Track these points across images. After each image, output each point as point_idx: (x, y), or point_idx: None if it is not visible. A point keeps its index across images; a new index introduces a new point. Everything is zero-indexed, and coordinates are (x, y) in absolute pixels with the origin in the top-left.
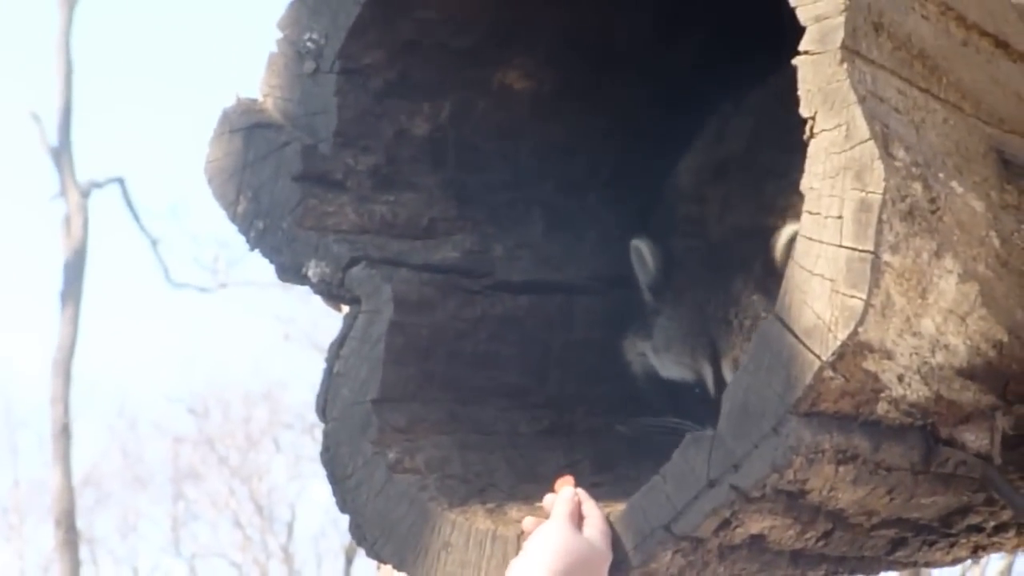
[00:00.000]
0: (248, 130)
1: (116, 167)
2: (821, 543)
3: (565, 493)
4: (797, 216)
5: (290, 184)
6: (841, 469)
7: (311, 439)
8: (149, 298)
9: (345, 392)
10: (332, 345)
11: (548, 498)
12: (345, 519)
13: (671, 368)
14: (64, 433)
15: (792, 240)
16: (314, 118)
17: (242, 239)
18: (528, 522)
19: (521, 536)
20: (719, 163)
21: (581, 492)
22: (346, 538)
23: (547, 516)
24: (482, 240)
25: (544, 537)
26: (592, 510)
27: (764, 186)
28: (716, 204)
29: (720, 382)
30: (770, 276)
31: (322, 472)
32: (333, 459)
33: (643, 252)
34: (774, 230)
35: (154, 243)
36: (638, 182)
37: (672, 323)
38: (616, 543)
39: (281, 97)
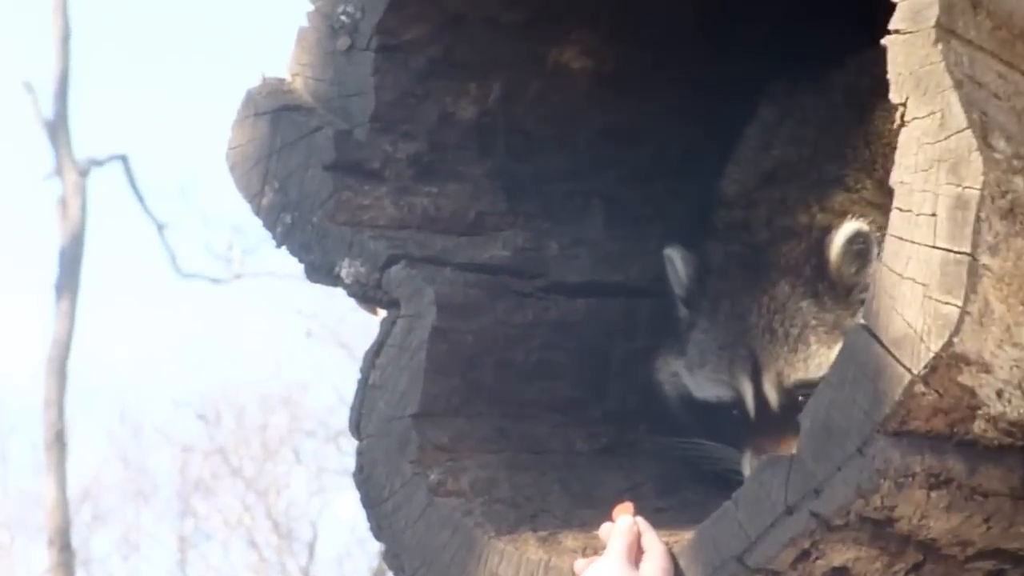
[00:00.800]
0: (275, 113)
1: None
2: None
3: (623, 523)
4: (857, 216)
5: (321, 174)
6: (933, 494)
7: (336, 448)
8: (155, 289)
9: (382, 406)
10: (367, 354)
11: (605, 528)
12: (372, 538)
13: (706, 387)
14: (59, 440)
15: (852, 240)
16: (349, 100)
17: (259, 224)
18: (579, 565)
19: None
20: (769, 170)
21: (641, 522)
22: (374, 560)
23: (603, 549)
24: (535, 237)
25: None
26: (653, 543)
27: (819, 189)
28: (765, 208)
29: (761, 400)
30: (822, 281)
31: (348, 486)
32: (368, 480)
33: (675, 260)
34: (829, 230)
35: (161, 228)
36: (710, 171)
37: (708, 336)
38: (678, 571)
39: (312, 77)
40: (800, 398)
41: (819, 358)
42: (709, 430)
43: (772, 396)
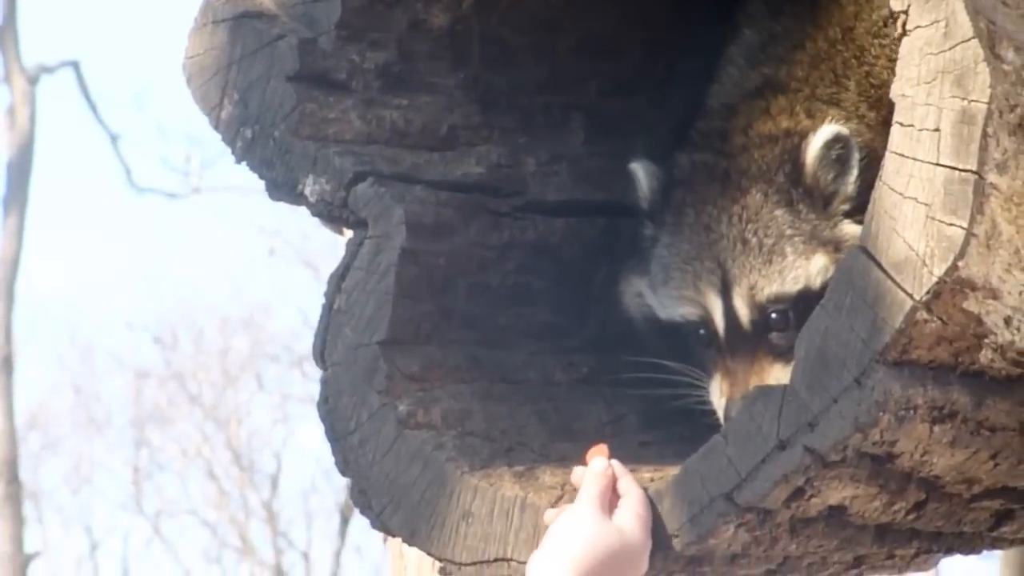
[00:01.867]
0: (235, 20)
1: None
2: (912, 516)
3: (596, 467)
4: (837, 120)
5: (284, 85)
6: (936, 429)
7: (300, 374)
8: (107, 205)
9: (348, 332)
10: (332, 277)
11: (577, 472)
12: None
13: (671, 306)
14: (5, 365)
15: (830, 144)
16: (313, 6)
17: (219, 136)
18: (549, 515)
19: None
20: (756, 86)
21: (616, 465)
22: (341, 494)
23: (576, 494)
24: (511, 152)
25: (567, 527)
26: (629, 487)
27: (809, 103)
28: (745, 116)
29: (731, 317)
30: (796, 188)
31: (313, 414)
32: (333, 411)
33: (639, 174)
34: (807, 133)
35: (114, 139)
36: (694, 84)
37: (671, 250)
38: (658, 523)
39: None
40: (773, 314)
41: (796, 270)
42: (678, 355)
43: (743, 312)
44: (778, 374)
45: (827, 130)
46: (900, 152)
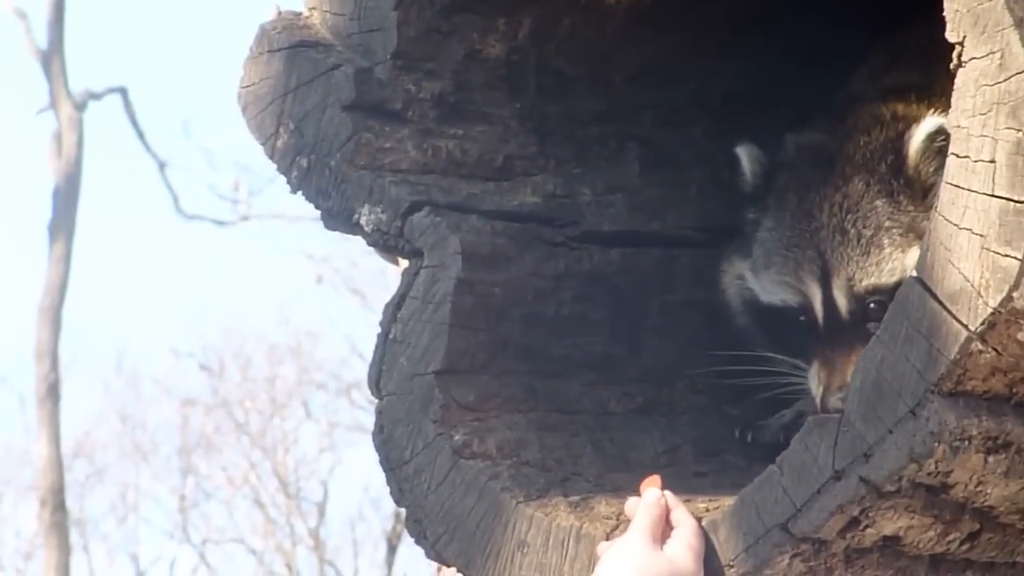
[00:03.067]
0: (291, 50)
1: (117, 75)
2: (966, 547)
3: (649, 497)
4: (943, 112)
5: (340, 115)
6: (991, 459)
7: (348, 402)
8: (155, 232)
9: (403, 362)
10: (388, 306)
11: (631, 503)
12: (388, 498)
13: (772, 290)
14: (52, 393)
15: (933, 136)
16: (369, 36)
17: (267, 163)
18: (602, 548)
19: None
20: (887, 85)
21: (670, 496)
22: (388, 522)
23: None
24: (567, 182)
25: (618, 557)
26: (682, 518)
27: (929, 94)
28: (863, 108)
29: (830, 306)
30: (898, 179)
31: (360, 441)
32: (388, 441)
33: (743, 157)
34: (912, 123)
35: (162, 166)
36: (752, 112)
37: (773, 235)
38: (711, 554)
39: (330, 11)
40: (872, 305)
41: (893, 262)
42: (775, 341)
43: (842, 302)
44: None
45: (931, 121)
46: (955, 183)
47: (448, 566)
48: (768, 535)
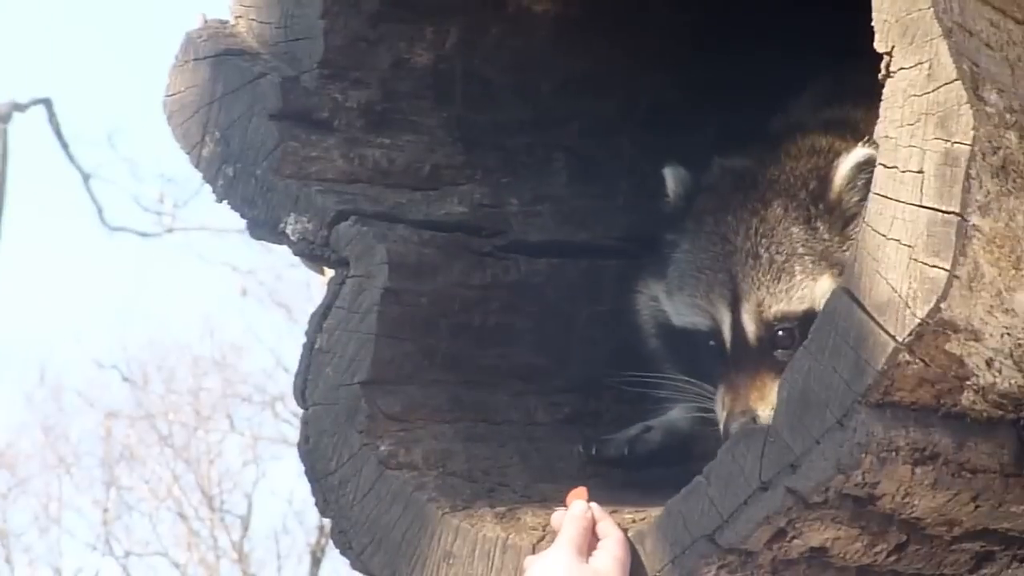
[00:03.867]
0: (217, 58)
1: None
2: (893, 558)
3: (575, 510)
4: (873, 145)
5: (266, 123)
6: (918, 470)
7: (272, 415)
8: (79, 244)
9: (329, 372)
10: (314, 316)
11: (556, 516)
12: (311, 511)
13: (684, 312)
14: None
15: (857, 170)
16: (296, 44)
17: (194, 174)
18: (528, 561)
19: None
20: (828, 118)
21: (596, 508)
22: (312, 535)
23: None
24: (494, 192)
25: (544, 570)
26: (608, 529)
27: (856, 131)
28: (797, 138)
29: (738, 331)
30: (818, 205)
31: (284, 454)
32: (314, 451)
33: (668, 179)
34: (835, 153)
35: (86, 178)
36: (679, 123)
37: (688, 256)
38: (637, 565)
39: (257, 19)
40: (780, 332)
41: (803, 290)
42: (686, 365)
43: (750, 328)
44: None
45: (861, 152)
46: (884, 194)
47: None
48: (695, 546)
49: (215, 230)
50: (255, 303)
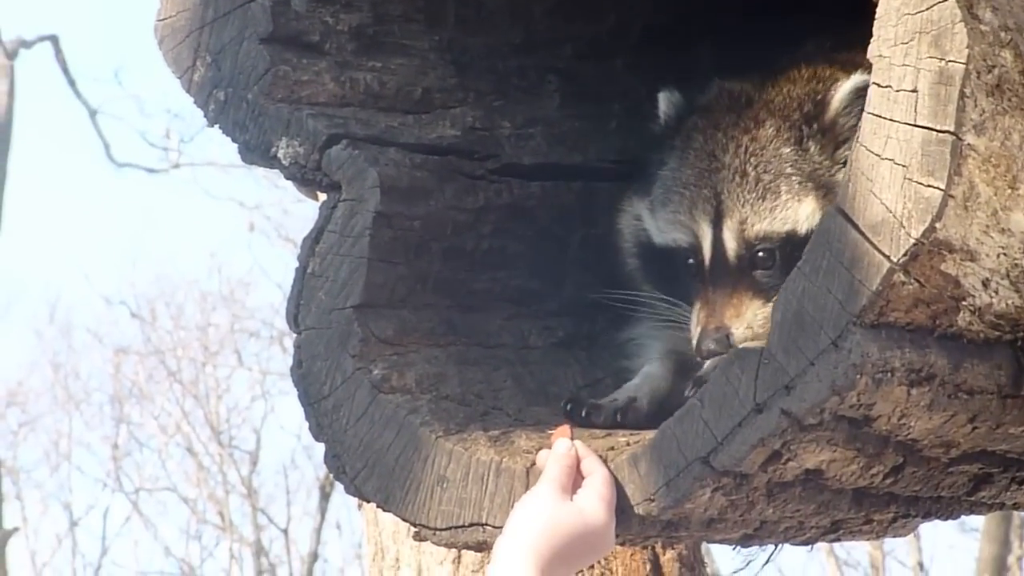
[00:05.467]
0: None
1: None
2: (889, 480)
3: (559, 448)
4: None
5: (257, 47)
6: (914, 392)
7: (280, 350)
8: (86, 180)
9: (322, 296)
10: (306, 240)
11: (542, 455)
12: (320, 446)
13: (665, 230)
14: None
15: (856, 94)
16: None
17: (200, 111)
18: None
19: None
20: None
21: (580, 446)
22: (321, 470)
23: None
24: (486, 115)
25: (527, 510)
26: (593, 467)
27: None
28: (801, 65)
29: (718, 248)
30: (811, 125)
31: (292, 391)
32: (307, 376)
33: (662, 101)
34: (836, 80)
35: (93, 114)
36: (674, 44)
37: (674, 174)
38: (621, 505)
39: None
40: (760, 252)
41: (787, 210)
42: (664, 286)
43: (731, 246)
44: (755, 311)
45: (860, 78)
46: (877, 113)
47: (367, 501)
48: (689, 469)
49: (222, 165)
50: (262, 238)
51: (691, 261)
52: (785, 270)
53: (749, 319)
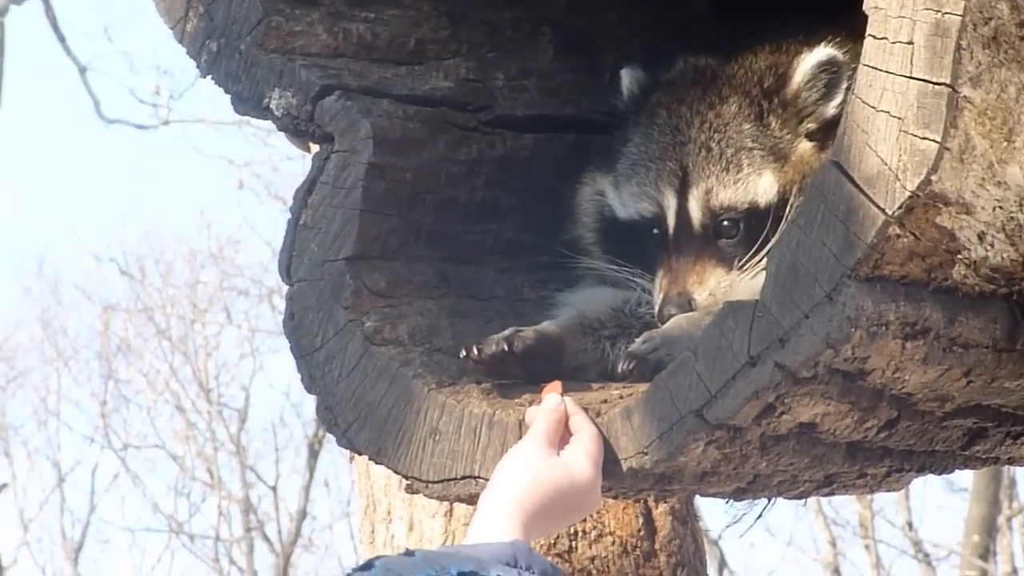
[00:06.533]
0: None
1: None
2: (883, 434)
3: (548, 403)
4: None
5: None
6: (909, 345)
7: (269, 307)
8: (76, 137)
9: (314, 248)
10: (298, 191)
11: (531, 411)
12: (309, 404)
13: (629, 203)
14: None
15: (823, 65)
16: None
17: (190, 67)
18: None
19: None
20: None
21: (569, 403)
22: (310, 428)
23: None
24: (480, 66)
25: (514, 465)
26: (581, 424)
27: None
28: (761, 35)
29: (683, 217)
30: (772, 100)
31: (281, 348)
32: (299, 328)
33: (624, 79)
34: (799, 54)
35: (83, 71)
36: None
37: (640, 149)
38: (608, 462)
39: None
40: (725, 222)
41: (748, 183)
42: (626, 259)
43: (696, 215)
44: (718, 279)
45: (824, 52)
46: (873, 65)
47: (359, 454)
48: (682, 422)
49: (211, 122)
50: (251, 196)
51: (656, 231)
52: (749, 241)
53: (712, 286)
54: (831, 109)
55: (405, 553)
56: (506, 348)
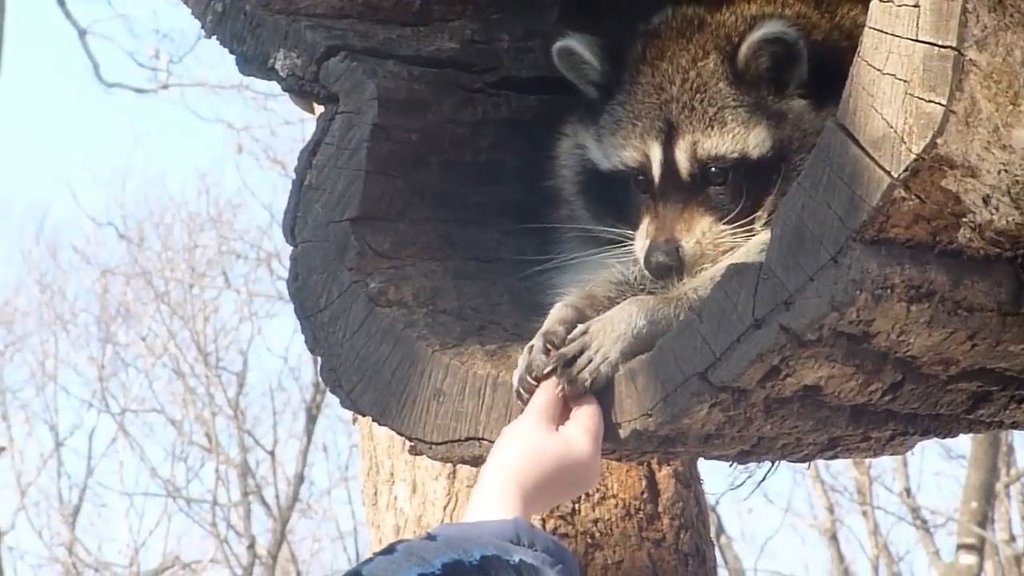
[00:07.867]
0: None
1: None
2: (888, 397)
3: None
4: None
5: None
6: (914, 308)
7: (268, 272)
8: (75, 100)
9: (318, 208)
10: (303, 152)
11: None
12: (307, 368)
13: (613, 155)
14: None
15: (770, 41)
16: None
17: (189, 30)
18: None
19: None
20: None
21: None
22: (307, 393)
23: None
24: (485, 28)
25: (513, 439)
26: (581, 399)
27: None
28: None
29: (670, 166)
30: (734, 65)
31: (280, 312)
32: (303, 289)
33: (577, 49)
34: (762, 17)
35: (82, 34)
36: None
37: (624, 108)
38: (608, 423)
39: None
40: (713, 169)
41: (735, 135)
42: (608, 212)
43: (683, 164)
44: (706, 226)
45: (772, 29)
46: (879, 28)
47: (363, 415)
48: (687, 384)
49: (211, 86)
50: (250, 160)
51: (641, 178)
52: (737, 192)
53: (699, 234)
54: (803, 73)
55: (426, 536)
56: (545, 357)
